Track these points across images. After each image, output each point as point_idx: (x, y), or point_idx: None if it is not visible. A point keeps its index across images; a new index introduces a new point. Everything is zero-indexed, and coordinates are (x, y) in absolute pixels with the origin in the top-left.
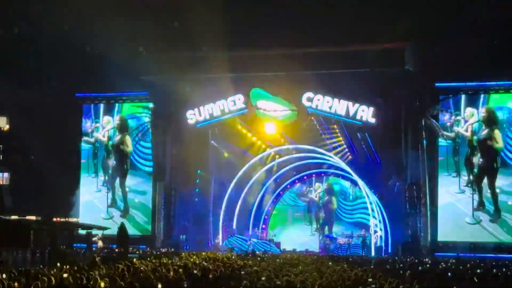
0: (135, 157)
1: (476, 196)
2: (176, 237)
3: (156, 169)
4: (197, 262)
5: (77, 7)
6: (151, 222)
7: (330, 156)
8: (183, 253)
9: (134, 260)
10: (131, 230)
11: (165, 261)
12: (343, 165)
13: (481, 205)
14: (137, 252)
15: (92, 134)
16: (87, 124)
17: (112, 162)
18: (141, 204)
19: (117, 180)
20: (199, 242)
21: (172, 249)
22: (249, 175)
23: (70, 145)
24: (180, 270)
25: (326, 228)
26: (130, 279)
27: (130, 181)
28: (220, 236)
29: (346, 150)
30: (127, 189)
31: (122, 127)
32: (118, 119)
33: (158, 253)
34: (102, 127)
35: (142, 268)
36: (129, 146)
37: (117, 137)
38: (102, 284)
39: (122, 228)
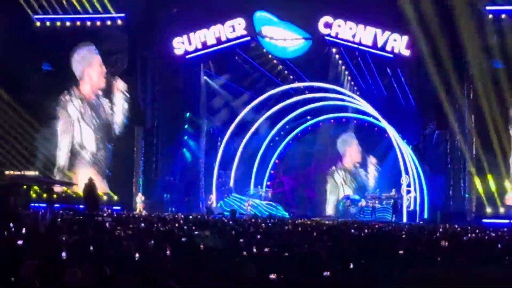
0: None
1: None
2: (159, 197)
3: (133, 111)
4: (185, 227)
5: None
6: (128, 177)
7: (352, 98)
8: (167, 216)
9: (106, 225)
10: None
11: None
12: (369, 108)
13: None
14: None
15: None
16: None
17: None
18: None
19: None
20: (187, 203)
21: (157, 213)
22: (251, 120)
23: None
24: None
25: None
26: (100, 247)
27: None
28: (213, 196)
29: (374, 90)
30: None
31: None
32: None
33: (137, 216)
34: None
35: (116, 234)
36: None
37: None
38: (65, 254)
39: (90, 185)
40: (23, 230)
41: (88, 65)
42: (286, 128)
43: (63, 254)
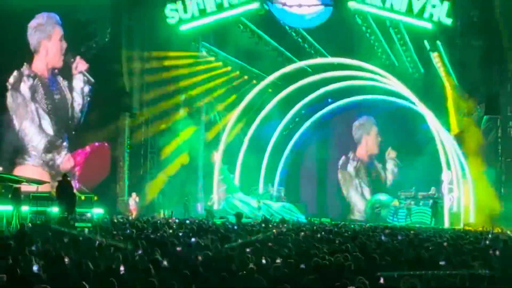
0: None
1: None
2: (149, 198)
3: (117, 94)
4: (180, 234)
5: None
6: (110, 174)
7: (383, 76)
8: (158, 221)
9: (86, 230)
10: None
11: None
12: (403, 89)
13: None
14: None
15: None
16: None
17: None
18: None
19: None
20: (185, 206)
21: (147, 217)
22: (260, 104)
23: None
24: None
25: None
26: (78, 260)
27: None
28: (215, 196)
29: (409, 67)
30: None
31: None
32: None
33: (122, 221)
34: None
35: (96, 243)
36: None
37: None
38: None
39: (64, 182)
40: None
41: (46, 36)
42: (302, 113)
43: (35, 268)
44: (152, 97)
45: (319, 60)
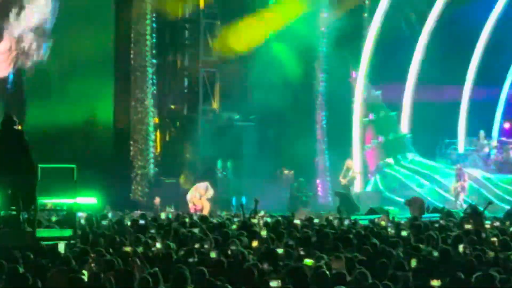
0: None
1: None
2: (204, 169)
3: None
4: (279, 251)
5: None
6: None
7: None
8: (228, 220)
9: (60, 246)
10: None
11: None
12: None
13: None
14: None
15: None
16: None
17: None
18: None
19: None
20: (291, 189)
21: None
22: None
23: None
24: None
25: None
26: None
27: None
28: (355, 164)
29: None
30: None
31: None
32: None
33: (142, 223)
34: None
35: (85, 275)
36: None
37: None
38: None
39: (6, 133)
40: None
41: None
42: None
43: None
44: None
45: None
